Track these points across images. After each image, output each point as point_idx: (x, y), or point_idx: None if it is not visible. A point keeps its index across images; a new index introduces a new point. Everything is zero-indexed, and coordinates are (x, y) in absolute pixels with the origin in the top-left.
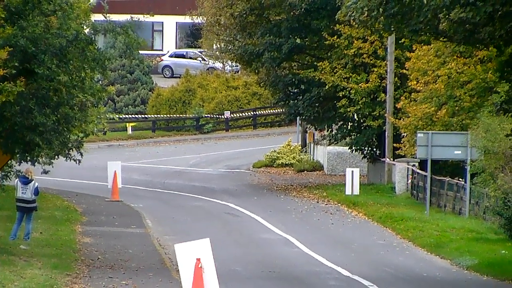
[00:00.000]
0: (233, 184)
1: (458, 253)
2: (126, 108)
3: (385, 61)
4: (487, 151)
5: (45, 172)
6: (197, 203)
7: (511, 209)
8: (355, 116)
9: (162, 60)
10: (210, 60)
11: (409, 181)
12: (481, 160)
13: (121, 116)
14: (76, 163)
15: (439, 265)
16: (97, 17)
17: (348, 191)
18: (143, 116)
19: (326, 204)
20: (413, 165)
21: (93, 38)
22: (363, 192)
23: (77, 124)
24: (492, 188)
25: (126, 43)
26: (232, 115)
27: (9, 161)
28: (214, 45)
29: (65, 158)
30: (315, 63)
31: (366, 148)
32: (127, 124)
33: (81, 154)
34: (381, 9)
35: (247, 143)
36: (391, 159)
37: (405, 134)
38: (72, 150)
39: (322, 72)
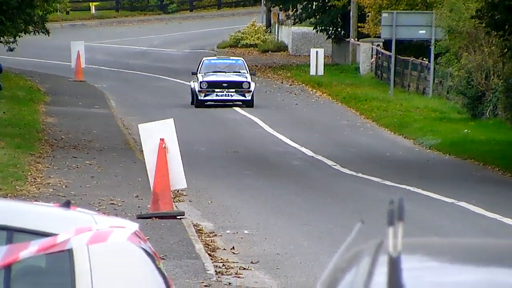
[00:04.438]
0: (197, 64)
1: (421, 133)
2: None
3: None
4: (451, 31)
5: (11, 49)
6: (161, 83)
7: (474, 88)
8: None
9: None
10: None
11: (373, 59)
12: (446, 40)
13: None
14: (45, 34)
15: (402, 144)
16: None
17: (312, 72)
18: None
19: (290, 85)
20: (378, 45)
21: None
22: (328, 73)
23: (39, 4)
24: (456, 67)
25: None
26: None
27: None
28: None
29: (32, 32)
30: None
31: (331, 28)
32: (90, 3)
33: (47, 31)
34: None
35: (212, 23)
36: (356, 39)
37: (370, 13)
38: (37, 26)
39: None
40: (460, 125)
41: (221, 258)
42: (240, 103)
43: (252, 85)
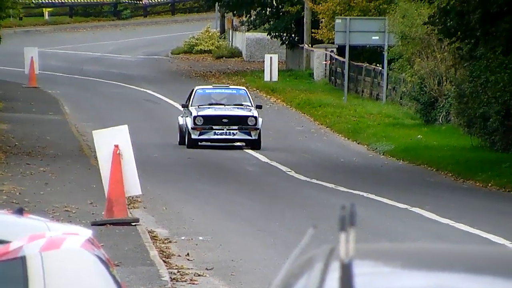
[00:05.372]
0: (151, 71)
1: (374, 139)
2: None
3: None
4: (404, 37)
5: None
6: (115, 90)
7: (427, 94)
8: (273, 2)
9: None
10: None
11: (326, 65)
12: (399, 46)
13: (37, 1)
14: None
15: (356, 150)
16: None
17: (266, 78)
18: (60, 1)
19: None
20: (331, 51)
21: None
22: (282, 79)
23: None
24: (409, 73)
25: None
26: (150, 1)
27: None
28: None
29: None
30: None
31: (285, 34)
32: (44, 9)
33: None
34: None
35: (166, 29)
36: (310, 45)
37: (323, 19)
38: None
39: None
40: (413, 131)
41: (176, 265)
42: (244, 143)
43: (260, 121)
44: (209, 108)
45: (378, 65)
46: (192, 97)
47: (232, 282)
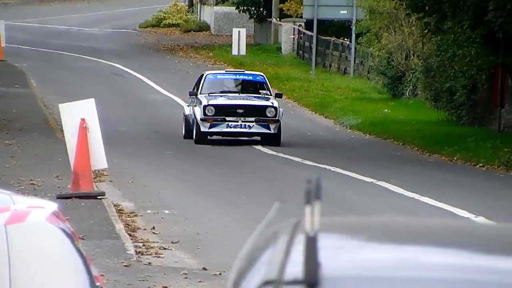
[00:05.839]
0: (119, 44)
1: (342, 113)
2: None
3: None
4: (372, 11)
5: None
6: (83, 63)
7: (394, 68)
8: None
9: None
10: None
11: (294, 40)
12: (366, 20)
13: None
14: None
15: (323, 124)
16: None
17: (234, 52)
18: None
19: (213, 65)
20: (300, 25)
21: None
22: (250, 53)
23: None
24: (377, 47)
25: None
26: None
27: None
28: None
29: None
30: None
31: (253, 8)
32: None
33: None
34: None
35: (134, 3)
36: (278, 19)
37: None
38: None
39: None
40: (381, 105)
41: (142, 238)
42: (259, 137)
43: (281, 112)
44: (221, 96)
45: (346, 39)
46: (201, 83)
47: (198, 256)
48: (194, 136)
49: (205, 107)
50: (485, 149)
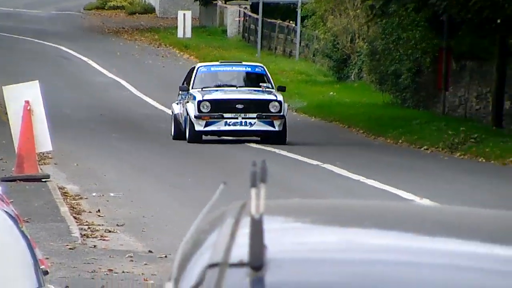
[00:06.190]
0: (64, 26)
1: (287, 96)
2: None
3: None
4: None
5: None
6: (27, 45)
7: (339, 51)
8: None
9: None
10: None
11: (240, 22)
12: (312, 3)
13: None
14: None
15: None
16: None
17: (180, 34)
18: None
19: (158, 47)
20: (245, 8)
21: None
22: (195, 35)
23: None
24: (322, 30)
25: None
26: None
27: None
28: None
29: None
30: None
31: None
32: None
33: None
34: None
35: None
36: (223, 1)
37: None
38: None
39: None
40: (326, 88)
41: (87, 221)
42: (259, 137)
43: (285, 107)
44: (217, 91)
45: (291, 22)
46: (193, 77)
47: (143, 238)
48: (187, 136)
49: (199, 102)
50: (429, 131)
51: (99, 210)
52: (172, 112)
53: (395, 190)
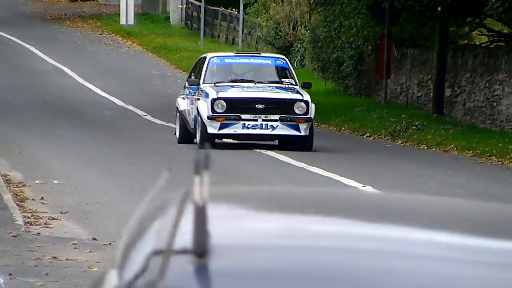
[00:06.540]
0: (4, 12)
1: None
2: None
3: None
4: None
5: None
6: None
7: (282, 38)
8: None
9: None
10: None
11: (183, 9)
12: None
13: None
14: None
15: None
16: None
17: (122, 21)
18: None
19: (100, 34)
20: None
21: None
22: (138, 22)
23: None
24: (265, 18)
25: None
26: None
27: None
28: None
29: None
30: None
31: None
32: None
33: None
34: None
35: None
36: None
37: None
38: None
39: None
40: None
41: (30, 209)
42: (275, 141)
43: (312, 108)
44: (232, 87)
45: (234, 9)
46: (204, 69)
47: (87, 226)
48: (198, 139)
49: (213, 101)
50: (371, 119)
51: (42, 198)
52: (177, 108)
53: (338, 177)
